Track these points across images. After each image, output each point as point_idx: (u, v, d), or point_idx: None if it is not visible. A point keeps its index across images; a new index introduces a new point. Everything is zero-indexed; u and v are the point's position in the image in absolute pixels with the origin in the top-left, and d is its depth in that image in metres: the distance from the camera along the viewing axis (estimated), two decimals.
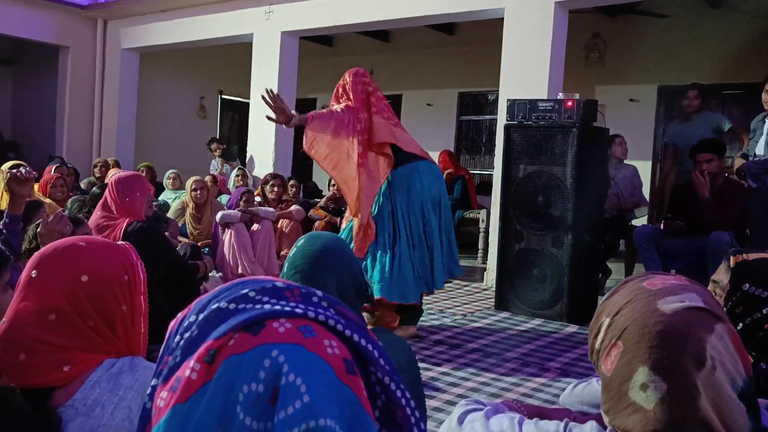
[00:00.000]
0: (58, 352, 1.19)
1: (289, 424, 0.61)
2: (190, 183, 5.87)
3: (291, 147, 7.93)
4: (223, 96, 11.93)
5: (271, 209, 5.75)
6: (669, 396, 0.86)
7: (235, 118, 12.16)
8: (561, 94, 4.86)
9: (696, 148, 4.88)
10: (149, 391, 0.72)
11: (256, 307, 0.68)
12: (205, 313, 0.70)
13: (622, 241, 5.90)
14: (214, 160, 8.99)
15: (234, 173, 7.76)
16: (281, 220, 6.00)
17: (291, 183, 6.92)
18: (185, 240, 5.26)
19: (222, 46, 9.04)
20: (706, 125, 5.74)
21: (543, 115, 4.67)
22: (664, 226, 5.00)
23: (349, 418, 0.62)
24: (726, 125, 5.75)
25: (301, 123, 3.81)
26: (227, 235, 5.32)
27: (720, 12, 7.71)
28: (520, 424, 1.06)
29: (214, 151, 8.92)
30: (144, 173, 7.09)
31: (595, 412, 1.28)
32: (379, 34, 10.00)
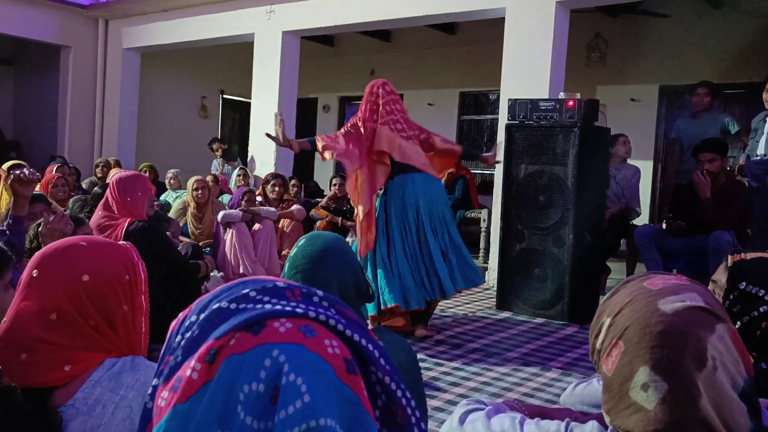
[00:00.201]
0: (59, 352, 1.19)
1: (290, 424, 0.61)
2: (191, 183, 5.87)
3: None
4: (224, 96, 11.93)
5: (272, 209, 5.76)
6: (670, 396, 0.86)
7: (236, 118, 12.16)
8: (562, 93, 4.86)
9: (698, 148, 4.88)
10: (150, 390, 0.72)
11: (256, 306, 0.69)
12: (206, 313, 0.70)
13: (624, 240, 5.90)
14: (215, 159, 9.00)
15: (235, 173, 7.76)
16: (282, 220, 6.00)
17: (292, 183, 6.93)
18: (186, 240, 5.26)
19: (223, 45, 9.04)
20: (714, 125, 5.70)
21: (544, 115, 4.66)
22: (666, 226, 5.00)
23: (349, 418, 0.62)
24: (734, 128, 5.70)
25: (303, 149, 4.16)
26: (228, 235, 5.33)
27: (721, 12, 7.70)
28: (521, 424, 1.06)
29: (216, 150, 8.92)
30: (146, 173, 7.09)
31: (596, 412, 1.28)
32: (380, 33, 10.00)
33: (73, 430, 1.16)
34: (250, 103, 8.18)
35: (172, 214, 5.93)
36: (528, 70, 5.68)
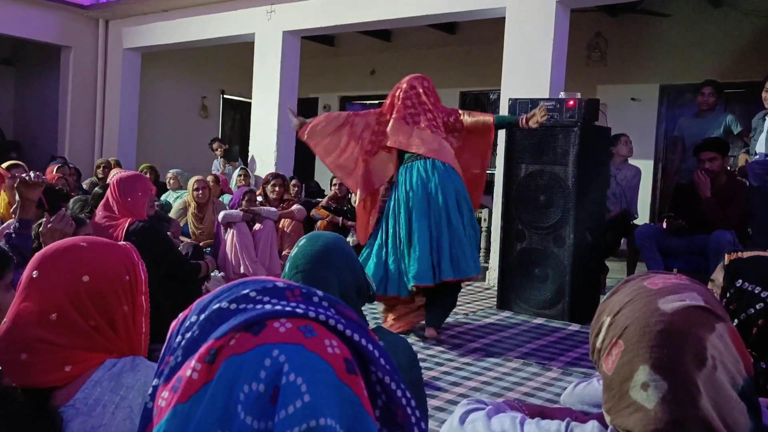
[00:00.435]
0: (60, 352, 1.19)
1: (290, 424, 0.61)
2: (192, 182, 5.88)
3: (293, 146, 7.93)
4: (224, 96, 11.94)
5: (272, 209, 5.76)
6: (670, 395, 0.86)
7: (237, 118, 12.16)
8: (563, 93, 4.86)
9: (700, 147, 4.87)
10: (150, 391, 0.72)
11: (256, 307, 0.69)
12: (206, 314, 0.70)
13: (624, 240, 5.90)
14: (216, 160, 9.00)
15: (236, 173, 7.77)
16: (282, 220, 6.00)
17: (293, 182, 6.93)
18: (187, 240, 5.26)
19: (224, 45, 9.04)
20: (717, 124, 5.69)
21: None
22: (666, 225, 5.00)
23: (349, 418, 0.62)
24: (736, 128, 5.68)
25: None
26: (229, 235, 5.33)
27: (721, 11, 7.70)
28: (522, 424, 1.06)
29: (216, 150, 8.92)
30: (146, 174, 7.08)
31: (596, 411, 1.28)
32: (381, 33, 10.00)
33: (74, 430, 1.16)
34: (250, 103, 8.18)
35: (172, 214, 5.93)
36: (528, 70, 5.68)
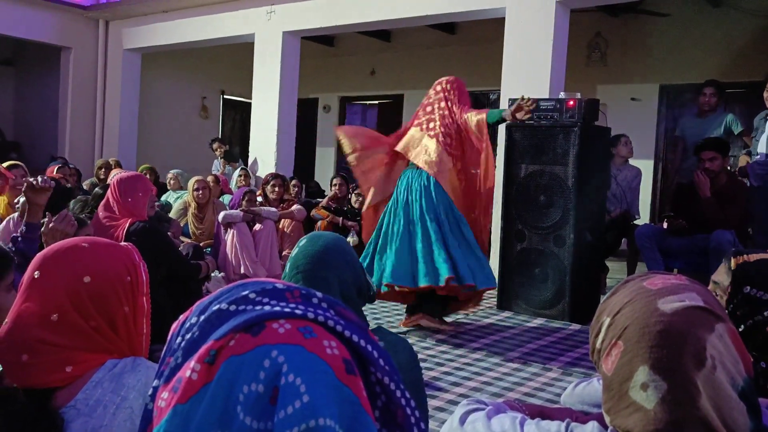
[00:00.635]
0: (61, 353, 1.19)
1: (289, 424, 0.61)
2: (192, 183, 5.88)
3: (293, 147, 7.94)
4: (224, 96, 11.94)
5: (273, 209, 5.76)
6: (669, 395, 0.86)
7: (237, 118, 12.16)
8: (563, 93, 4.86)
9: (700, 146, 4.87)
10: (151, 391, 0.72)
11: (256, 308, 0.69)
12: (206, 315, 0.71)
13: (624, 240, 5.90)
14: (216, 160, 8.99)
15: (236, 173, 7.77)
16: (283, 220, 6.00)
17: (293, 183, 6.93)
18: (187, 240, 5.26)
19: (224, 46, 9.04)
20: (718, 124, 5.69)
21: (545, 115, 4.66)
22: (666, 224, 5.00)
23: (348, 418, 0.62)
24: (737, 128, 5.68)
25: None
26: (229, 235, 5.33)
27: (721, 10, 7.70)
28: (522, 424, 1.06)
29: (216, 150, 8.92)
30: (146, 175, 7.08)
31: (596, 411, 1.28)
32: (381, 33, 10.00)
33: (75, 430, 1.16)
34: (250, 104, 8.18)
35: (172, 215, 5.93)
36: (528, 70, 5.68)
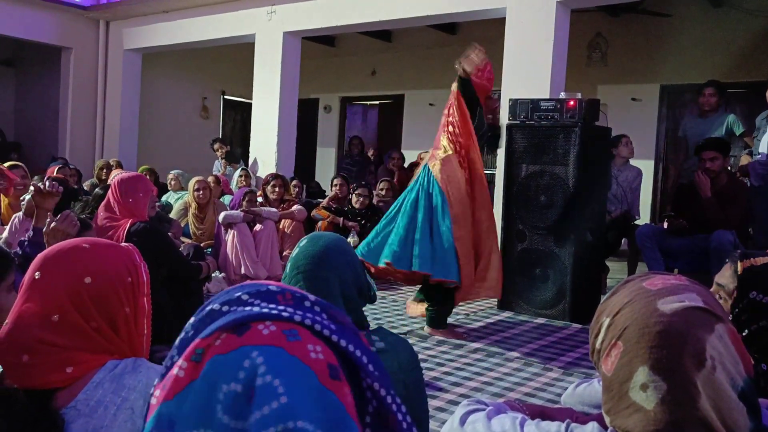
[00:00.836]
0: (61, 353, 1.19)
1: (265, 424, 0.61)
2: (192, 183, 5.88)
3: (293, 147, 7.94)
4: (225, 96, 11.94)
5: (273, 209, 5.76)
6: (669, 396, 0.86)
7: (237, 119, 12.17)
8: (563, 93, 4.86)
9: (701, 146, 4.87)
10: (152, 391, 0.73)
11: (245, 309, 0.69)
12: (201, 315, 0.72)
13: (625, 240, 5.90)
14: (216, 161, 9.00)
15: (237, 173, 7.77)
16: (283, 221, 6.00)
17: (293, 183, 6.92)
18: (188, 240, 5.26)
19: (224, 46, 9.04)
20: (719, 124, 5.69)
21: (545, 115, 4.67)
22: (667, 224, 5.00)
23: (330, 422, 0.62)
24: (738, 129, 5.67)
25: None
26: (230, 236, 5.33)
27: (722, 11, 7.70)
28: (522, 425, 1.06)
29: (217, 151, 8.92)
30: (146, 176, 7.08)
31: (596, 412, 1.28)
32: (381, 34, 10.00)
33: (75, 431, 1.16)
34: (251, 104, 8.18)
35: (173, 215, 5.93)
36: (529, 70, 5.68)
